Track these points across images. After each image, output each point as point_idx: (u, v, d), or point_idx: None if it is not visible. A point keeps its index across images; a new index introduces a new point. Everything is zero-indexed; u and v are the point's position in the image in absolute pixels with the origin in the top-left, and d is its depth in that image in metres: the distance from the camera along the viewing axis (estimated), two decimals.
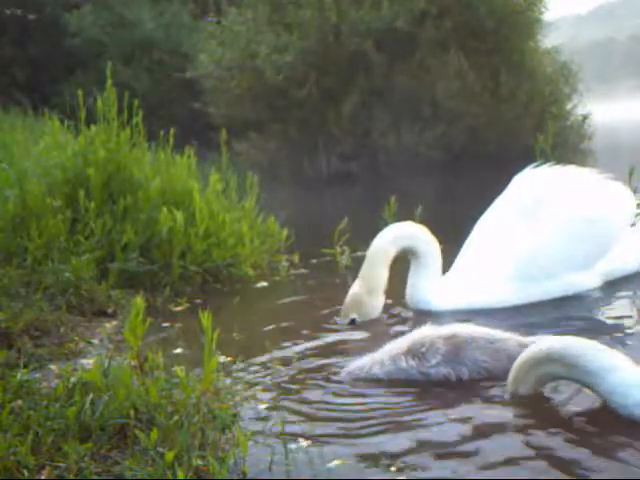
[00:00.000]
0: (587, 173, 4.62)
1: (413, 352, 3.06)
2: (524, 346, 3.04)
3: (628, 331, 3.67)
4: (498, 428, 2.59)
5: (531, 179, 4.52)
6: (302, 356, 3.45)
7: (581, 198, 4.40)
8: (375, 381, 3.08)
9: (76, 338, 3.74)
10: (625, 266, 4.54)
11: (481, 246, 4.35)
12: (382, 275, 4.09)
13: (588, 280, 4.36)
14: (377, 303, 4.10)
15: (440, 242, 4.24)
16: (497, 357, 3.03)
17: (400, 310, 4.21)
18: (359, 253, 5.56)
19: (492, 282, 4.17)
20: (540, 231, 4.26)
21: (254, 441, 2.49)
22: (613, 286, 4.43)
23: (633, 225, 4.69)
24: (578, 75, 14.58)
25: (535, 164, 4.61)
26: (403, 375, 3.05)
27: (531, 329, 3.49)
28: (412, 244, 4.16)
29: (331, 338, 3.77)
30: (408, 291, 4.23)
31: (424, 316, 4.05)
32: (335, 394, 2.99)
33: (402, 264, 4.21)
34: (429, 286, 4.18)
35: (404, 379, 3.05)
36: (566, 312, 4.02)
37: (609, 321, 3.92)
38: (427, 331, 3.13)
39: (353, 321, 4.03)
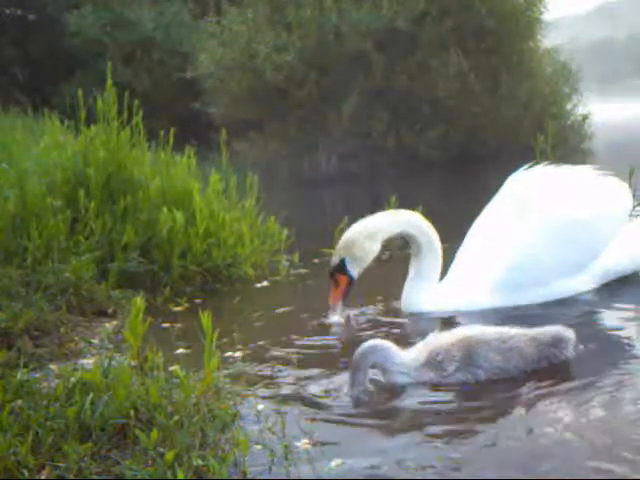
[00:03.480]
0: (581, 171, 4.55)
1: (430, 363, 3.04)
2: (535, 340, 3.10)
3: (621, 333, 3.67)
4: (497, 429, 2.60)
5: (523, 180, 4.47)
6: (302, 356, 3.45)
7: (571, 200, 4.32)
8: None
9: (76, 338, 3.74)
10: (620, 267, 4.46)
11: (473, 251, 4.31)
12: (383, 225, 4.06)
13: (581, 283, 4.31)
14: (372, 248, 4.03)
15: (440, 242, 4.23)
16: (510, 356, 3.06)
17: (395, 313, 4.20)
18: None
19: (483, 288, 4.13)
20: (530, 236, 4.20)
21: (254, 441, 2.49)
22: (608, 287, 4.40)
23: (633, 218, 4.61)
24: (578, 75, 14.59)
25: (528, 165, 4.55)
26: (426, 384, 3.03)
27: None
28: (414, 233, 4.13)
29: (331, 338, 3.77)
30: (403, 295, 4.21)
31: (417, 320, 4.05)
32: (335, 394, 2.99)
33: (397, 265, 4.20)
34: (423, 291, 4.14)
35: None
36: (559, 313, 4.00)
37: (601, 324, 3.91)
38: (440, 339, 3.12)
39: (343, 264, 3.99)
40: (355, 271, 4.05)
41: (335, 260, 4.05)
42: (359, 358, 2.96)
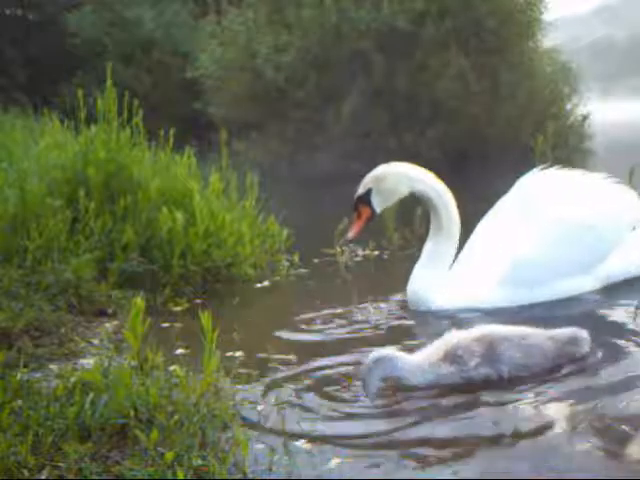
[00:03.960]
0: (592, 177, 4.58)
1: (450, 358, 3.03)
2: (552, 339, 3.11)
3: (625, 332, 3.66)
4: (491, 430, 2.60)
5: (536, 182, 4.49)
6: (302, 355, 3.45)
7: (581, 204, 4.36)
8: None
9: (76, 338, 3.74)
10: (625, 272, 4.48)
11: (479, 248, 4.33)
12: (412, 172, 4.24)
13: (586, 284, 4.32)
14: (399, 188, 4.18)
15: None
16: (531, 352, 3.07)
17: (401, 311, 4.21)
18: (359, 252, 5.57)
19: (489, 285, 4.14)
20: (539, 236, 4.22)
21: (254, 441, 2.49)
22: (612, 289, 4.40)
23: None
24: (578, 75, 14.58)
25: (542, 166, 4.57)
26: (445, 381, 3.01)
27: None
28: (433, 196, 4.22)
29: (331, 338, 3.77)
30: (410, 281, 4.21)
31: (422, 319, 4.06)
32: (335, 393, 2.99)
33: (403, 263, 4.20)
34: (430, 289, 4.15)
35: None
36: (564, 314, 4.00)
37: (604, 324, 3.90)
38: (458, 336, 3.11)
39: (368, 195, 4.10)
40: (378, 205, 4.17)
41: (362, 190, 4.16)
42: (365, 375, 2.96)
